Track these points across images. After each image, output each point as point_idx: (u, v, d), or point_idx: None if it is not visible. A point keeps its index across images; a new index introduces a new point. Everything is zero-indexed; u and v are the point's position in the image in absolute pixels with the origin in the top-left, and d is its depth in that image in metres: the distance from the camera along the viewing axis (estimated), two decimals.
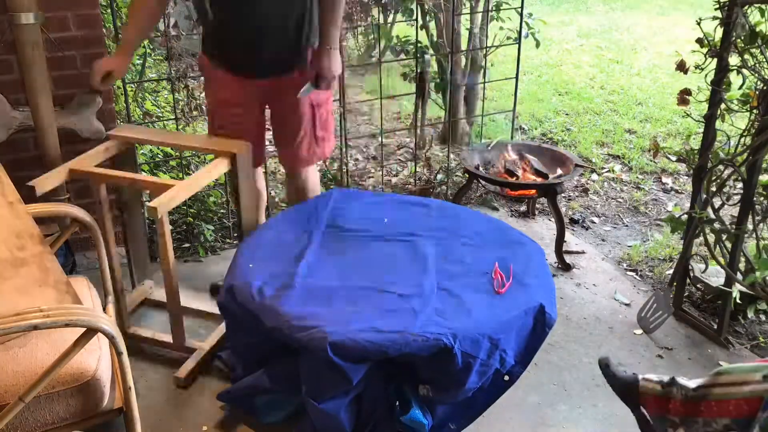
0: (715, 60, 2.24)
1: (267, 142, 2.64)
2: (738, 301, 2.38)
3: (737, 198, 2.30)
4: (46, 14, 2.36)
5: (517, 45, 3.69)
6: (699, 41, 2.28)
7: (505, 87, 5.20)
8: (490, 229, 2.13)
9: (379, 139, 4.22)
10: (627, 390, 1.62)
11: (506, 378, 1.75)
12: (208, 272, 2.86)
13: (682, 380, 1.53)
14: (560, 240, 2.98)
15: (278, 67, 2.24)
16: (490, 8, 3.87)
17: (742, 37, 2.18)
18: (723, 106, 2.29)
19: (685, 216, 2.49)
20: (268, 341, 1.75)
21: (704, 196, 2.38)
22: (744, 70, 2.19)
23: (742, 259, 2.37)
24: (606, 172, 4.15)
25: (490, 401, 1.80)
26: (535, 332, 1.75)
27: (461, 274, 1.85)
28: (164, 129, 3.45)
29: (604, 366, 1.68)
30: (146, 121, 3.90)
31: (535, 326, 1.74)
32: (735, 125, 2.33)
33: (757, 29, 2.14)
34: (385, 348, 1.56)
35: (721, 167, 2.32)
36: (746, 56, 2.17)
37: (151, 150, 3.59)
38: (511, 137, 3.91)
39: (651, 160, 4.24)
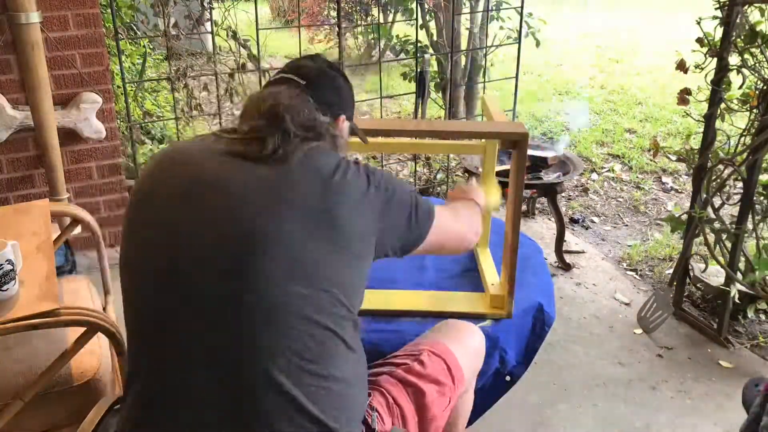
0: (715, 59, 2.24)
1: None
2: (737, 300, 2.38)
3: (737, 197, 2.30)
4: (46, 14, 2.37)
5: (517, 44, 3.70)
6: (699, 41, 2.28)
7: (505, 86, 5.20)
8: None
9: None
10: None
11: (508, 378, 1.74)
12: None
13: None
14: (560, 239, 2.98)
15: None
16: (490, 8, 3.87)
17: (742, 37, 2.18)
18: (723, 105, 2.29)
19: (685, 215, 2.49)
20: None
21: (704, 195, 2.38)
22: (744, 70, 2.19)
23: (742, 258, 2.37)
24: (606, 171, 4.16)
25: (491, 402, 1.80)
26: (534, 331, 1.74)
27: (459, 272, 1.84)
28: None
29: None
30: (146, 120, 3.91)
31: (535, 325, 1.74)
32: (735, 125, 2.33)
33: (757, 29, 2.14)
34: (383, 348, 1.55)
35: (721, 167, 2.32)
36: (746, 56, 2.17)
37: (151, 150, 3.60)
38: None
39: (651, 160, 4.24)
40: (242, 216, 1.04)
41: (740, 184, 2.28)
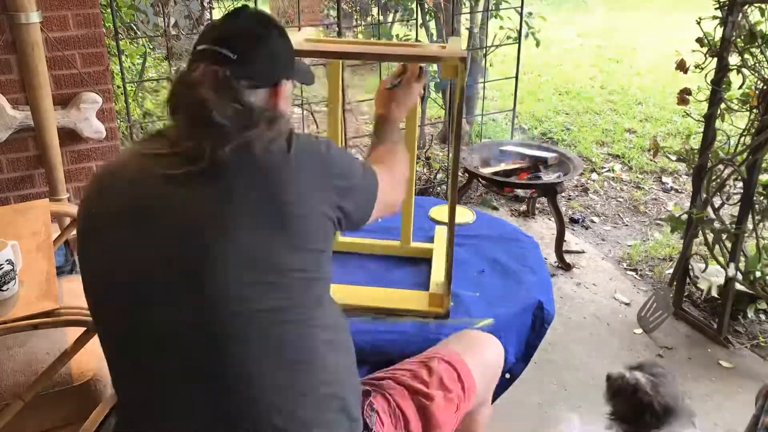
0: (715, 59, 2.24)
1: None
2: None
3: (737, 197, 2.30)
4: (46, 14, 2.37)
5: (517, 44, 3.69)
6: (699, 41, 2.28)
7: (505, 87, 5.20)
8: (484, 226, 2.12)
9: None
10: None
11: (507, 376, 1.74)
12: None
13: None
14: (560, 239, 2.98)
15: None
16: (490, 8, 3.87)
17: (742, 37, 2.18)
18: (723, 105, 2.29)
19: (685, 215, 2.49)
20: None
21: (704, 195, 2.38)
22: (744, 70, 2.19)
23: (742, 258, 2.37)
24: (606, 171, 4.16)
25: (491, 400, 1.80)
26: (534, 329, 1.74)
27: (458, 272, 1.84)
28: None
29: None
30: (146, 120, 3.91)
31: (534, 323, 1.74)
32: (735, 125, 2.33)
33: (757, 29, 2.14)
34: (386, 350, 1.55)
35: (720, 167, 2.32)
36: (746, 56, 2.17)
37: None
38: (511, 137, 3.91)
39: (651, 160, 4.24)
40: (191, 243, 0.98)
41: (740, 184, 2.28)
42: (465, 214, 2.12)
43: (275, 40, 1.14)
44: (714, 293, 2.38)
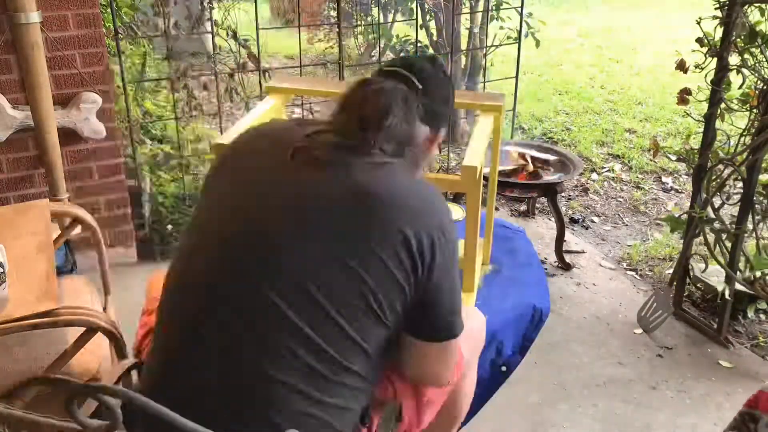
0: (715, 59, 2.24)
1: None
2: (727, 297, 2.35)
3: (737, 197, 2.30)
4: (46, 14, 2.37)
5: (517, 45, 3.70)
6: (699, 41, 2.28)
7: (505, 86, 5.20)
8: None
9: None
10: None
11: (503, 368, 1.75)
12: None
13: None
14: (560, 239, 2.98)
15: None
16: (490, 8, 3.87)
17: (742, 37, 2.18)
18: (723, 105, 2.29)
19: (685, 215, 2.49)
20: None
21: (704, 195, 2.38)
22: (744, 70, 2.19)
23: (742, 258, 2.37)
24: (606, 171, 4.16)
25: (489, 394, 1.80)
26: (531, 324, 1.74)
27: None
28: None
29: None
30: (146, 120, 3.91)
31: (531, 318, 1.74)
32: (735, 125, 2.33)
33: (757, 29, 2.14)
34: None
35: (720, 167, 2.32)
36: (746, 56, 2.17)
37: (150, 149, 3.59)
38: (511, 137, 3.91)
39: (651, 160, 4.24)
40: (262, 221, 1.04)
41: (740, 184, 2.28)
42: (455, 211, 2.12)
43: (450, 89, 1.26)
44: (727, 296, 2.37)
